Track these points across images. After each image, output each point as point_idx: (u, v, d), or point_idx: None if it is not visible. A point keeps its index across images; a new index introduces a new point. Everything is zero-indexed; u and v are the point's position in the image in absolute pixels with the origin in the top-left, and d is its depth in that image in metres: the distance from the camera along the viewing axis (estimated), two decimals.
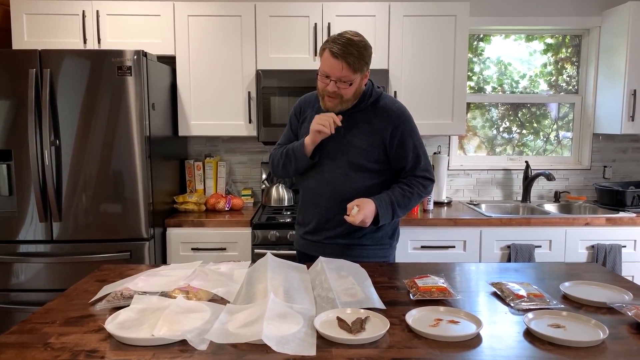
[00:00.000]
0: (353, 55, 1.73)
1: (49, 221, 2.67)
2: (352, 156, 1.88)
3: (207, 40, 3.10)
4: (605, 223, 2.93)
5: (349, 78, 1.77)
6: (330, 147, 1.91)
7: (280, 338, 1.16)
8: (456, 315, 1.34)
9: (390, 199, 1.85)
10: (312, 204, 1.98)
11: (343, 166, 1.90)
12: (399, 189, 1.89)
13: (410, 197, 1.89)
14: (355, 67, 1.75)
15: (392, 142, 1.88)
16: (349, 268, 1.68)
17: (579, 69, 3.67)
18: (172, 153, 3.19)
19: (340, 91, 1.80)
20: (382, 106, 1.90)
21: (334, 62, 1.74)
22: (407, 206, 1.90)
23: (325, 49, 1.77)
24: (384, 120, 1.88)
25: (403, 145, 1.89)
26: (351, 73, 1.75)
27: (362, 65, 1.77)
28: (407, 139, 1.89)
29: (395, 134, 1.88)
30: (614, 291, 1.54)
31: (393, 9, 3.08)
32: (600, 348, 1.17)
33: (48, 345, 1.19)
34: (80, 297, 1.52)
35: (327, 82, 1.79)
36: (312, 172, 1.96)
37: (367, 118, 1.90)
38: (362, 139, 1.88)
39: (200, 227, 2.91)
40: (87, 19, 3.03)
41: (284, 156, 1.98)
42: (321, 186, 1.93)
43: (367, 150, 1.88)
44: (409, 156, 1.90)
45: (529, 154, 3.76)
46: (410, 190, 1.89)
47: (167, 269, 1.71)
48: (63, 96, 2.60)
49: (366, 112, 1.90)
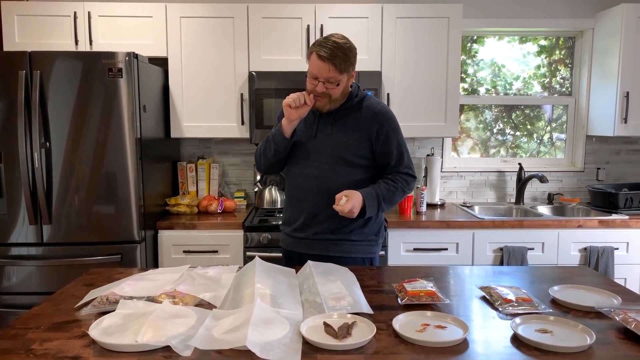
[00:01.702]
0: (339, 57, 1.82)
1: (39, 224, 2.65)
2: (339, 151, 1.95)
3: (200, 42, 3.09)
4: (598, 225, 2.93)
5: (336, 79, 1.85)
6: (317, 143, 1.97)
7: (265, 344, 1.15)
8: (443, 320, 1.33)
9: (377, 192, 1.92)
10: (299, 200, 2.02)
11: (330, 161, 1.95)
12: (384, 184, 1.96)
13: (394, 192, 1.96)
14: (341, 68, 1.83)
15: (377, 138, 1.96)
16: (338, 272, 1.67)
17: (573, 70, 3.67)
18: (164, 155, 3.17)
19: (328, 91, 1.87)
20: (368, 105, 1.99)
21: (321, 64, 1.82)
22: (392, 200, 1.97)
23: (313, 52, 1.85)
24: (370, 118, 1.96)
25: (388, 142, 1.97)
26: (338, 74, 1.84)
27: (348, 66, 1.86)
28: (392, 136, 1.97)
29: (381, 131, 1.96)
30: (603, 295, 1.54)
31: (386, 10, 3.08)
32: (587, 353, 1.16)
33: (30, 351, 1.17)
34: (66, 302, 1.51)
35: (315, 83, 1.87)
36: (299, 168, 2.01)
37: (354, 116, 1.98)
38: (349, 135, 1.96)
39: (192, 230, 2.89)
40: (78, 20, 3.02)
41: (264, 143, 2.03)
42: (308, 181, 1.98)
43: (354, 146, 1.95)
44: (393, 153, 1.98)
45: (523, 156, 3.76)
46: (395, 185, 1.96)
47: (155, 273, 1.70)
48: (53, 98, 2.58)
49: (353, 110, 1.98)
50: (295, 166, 2.02)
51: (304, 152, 1.99)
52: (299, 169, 2.01)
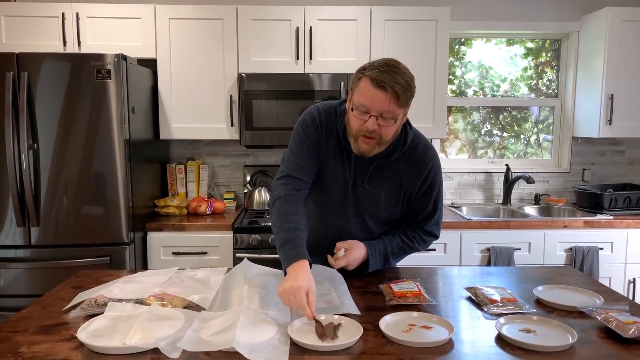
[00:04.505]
0: (401, 85, 1.43)
1: (27, 226, 2.64)
2: (374, 209, 1.71)
3: (189, 44, 3.09)
4: (583, 225, 2.97)
5: (393, 114, 1.47)
6: (350, 194, 1.70)
7: (252, 346, 1.17)
8: (429, 321, 1.35)
9: (386, 249, 1.73)
10: (317, 245, 1.75)
11: (361, 216, 1.72)
12: (398, 240, 1.76)
13: (406, 250, 1.79)
14: (402, 101, 1.45)
15: (417, 194, 1.71)
16: (326, 273, 1.68)
17: (559, 72, 3.72)
18: (153, 156, 3.17)
19: (380, 130, 1.49)
20: (414, 153, 1.67)
21: (377, 93, 1.43)
22: (401, 257, 1.83)
23: (366, 77, 1.45)
24: (413, 170, 1.67)
25: (426, 197, 1.72)
26: (397, 107, 1.45)
27: (409, 98, 1.47)
28: (433, 191, 1.71)
29: (423, 187, 1.69)
30: (586, 295, 1.56)
31: (375, 13, 3.10)
32: (569, 352, 1.19)
33: (18, 354, 1.18)
34: (54, 305, 1.51)
35: (365, 118, 1.47)
36: (325, 217, 1.75)
37: (396, 167, 1.67)
38: (389, 193, 1.69)
39: (182, 231, 2.89)
40: (66, 21, 3.00)
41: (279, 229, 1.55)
42: (334, 232, 1.74)
43: (392, 204, 1.70)
44: (427, 208, 1.74)
45: (510, 157, 3.80)
46: (410, 244, 1.77)
47: (143, 275, 1.70)
48: (41, 100, 2.57)
49: (396, 161, 1.66)
50: (321, 213, 1.75)
51: (332, 200, 1.71)
52: (325, 216, 1.75)
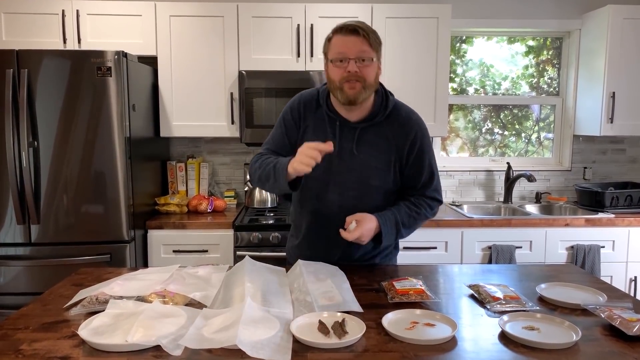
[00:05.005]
0: (368, 29, 1.61)
1: (27, 224, 2.63)
2: (367, 177, 1.72)
3: (189, 41, 3.08)
4: (585, 224, 2.97)
5: (368, 54, 1.61)
6: (340, 164, 1.72)
7: (255, 343, 1.16)
8: (432, 318, 1.34)
9: (396, 218, 1.71)
10: (317, 234, 1.80)
11: (356, 188, 1.73)
12: (405, 208, 1.75)
13: (416, 218, 1.77)
14: (372, 42, 1.60)
15: (408, 159, 1.74)
16: (328, 271, 1.67)
17: (560, 71, 3.71)
18: (153, 154, 3.16)
19: (362, 72, 1.60)
20: (398, 117, 1.74)
21: (349, 38, 1.59)
22: (412, 227, 1.78)
23: (335, 33, 1.63)
24: (400, 134, 1.73)
25: (419, 162, 1.75)
26: (369, 48, 1.60)
27: (378, 44, 1.64)
28: (425, 155, 1.75)
29: (413, 150, 1.73)
30: (588, 293, 1.56)
31: (376, 10, 3.09)
32: (573, 350, 1.18)
33: (19, 352, 1.17)
34: (55, 302, 1.50)
35: (345, 66, 1.60)
36: (318, 191, 1.76)
37: (382, 132, 1.72)
38: (378, 158, 1.72)
39: (182, 229, 2.89)
40: (67, 18, 2.99)
41: (264, 167, 1.69)
42: (330, 209, 1.75)
43: (384, 171, 1.73)
44: (423, 174, 1.76)
45: (511, 155, 3.79)
46: (418, 211, 1.76)
47: (144, 272, 1.70)
48: (41, 97, 2.56)
49: (380, 125, 1.73)
50: (312, 190, 1.77)
51: (324, 174, 1.72)
52: (318, 192, 1.76)
